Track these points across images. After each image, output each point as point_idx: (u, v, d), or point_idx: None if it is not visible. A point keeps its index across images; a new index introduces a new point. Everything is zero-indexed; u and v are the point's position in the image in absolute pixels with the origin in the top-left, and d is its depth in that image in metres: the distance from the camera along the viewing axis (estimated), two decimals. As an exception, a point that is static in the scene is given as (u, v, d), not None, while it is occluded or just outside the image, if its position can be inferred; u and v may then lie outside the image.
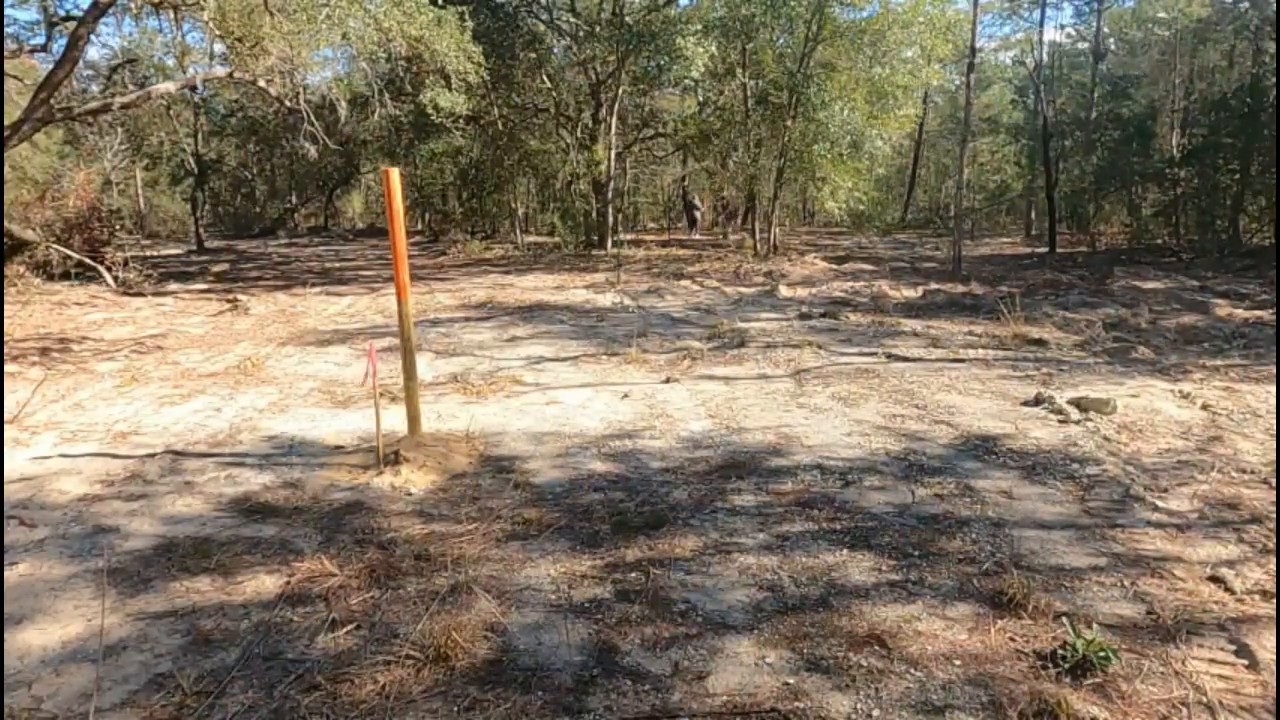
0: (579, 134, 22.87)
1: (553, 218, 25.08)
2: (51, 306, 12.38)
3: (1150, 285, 13.74)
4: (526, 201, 29.50)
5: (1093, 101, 24.21)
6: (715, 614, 3.37)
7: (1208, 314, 10.84)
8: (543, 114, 23.83)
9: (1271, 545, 3.94)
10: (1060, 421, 5.97)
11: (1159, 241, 21.76)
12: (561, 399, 6.82)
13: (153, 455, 5.44)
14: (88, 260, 14.10)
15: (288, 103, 15.03)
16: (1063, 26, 56.77)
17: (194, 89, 20.87)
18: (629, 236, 25.86)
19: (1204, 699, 2.80)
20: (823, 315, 11.08)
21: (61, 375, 7.90)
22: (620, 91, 21.74)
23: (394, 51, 14.45)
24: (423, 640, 3.14)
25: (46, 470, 5.16)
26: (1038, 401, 6.48)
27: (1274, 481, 4.74)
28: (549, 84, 23.12)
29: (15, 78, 16.24)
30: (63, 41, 13.98)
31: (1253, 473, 4.93)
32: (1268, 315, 10.56)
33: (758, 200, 22.38)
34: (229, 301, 12.97)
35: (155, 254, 19.96)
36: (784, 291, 13.65)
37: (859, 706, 2.77)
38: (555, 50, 23.87)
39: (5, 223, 13.28)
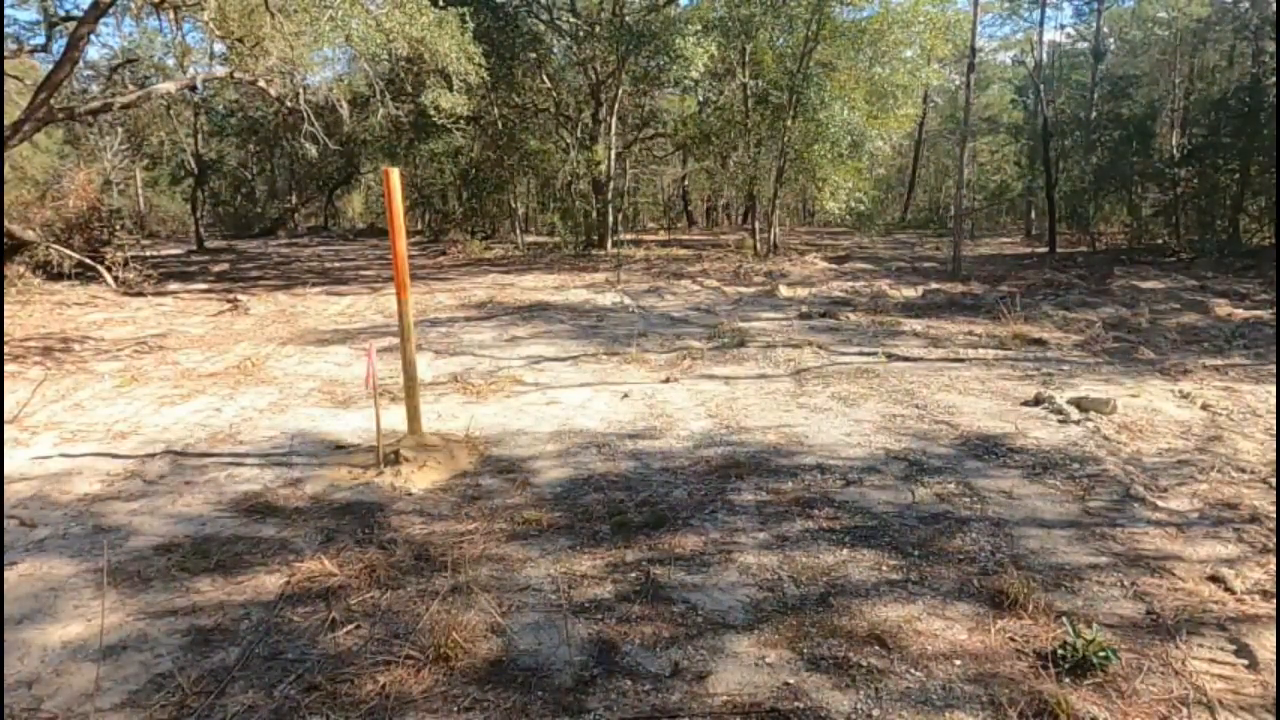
0: (579, 134, 22.87)
1: (553, 218, 25.09)
2: (52, 306, 12.38)
3: (1150, 285, 13.74)
4: (526, 201, 29.50)
5: (1093, 101, 24.21)
6: (715, 614, 3.37)
7: (1207, 314, 10.84)
8: (543, 114, 23.84)
9: (1271, 545, 3.94)
10: (1060, 421, 5.97)
11: (1159, 241, 21.76)
12: (562, 399, 6.82)
13: (153, 455, 5.44)
14: (88, 260, 14.10)
15: (288, 103, 15.04)
16: (1062, 26, 56.86)
17: (194, 89, 20.87)
18: (629, 236, 25.86)
19: (1204, 698, 2.80)
20: (823, 315, 11.08)
21: (62, 375, 7.90)
22: (620, 91, 21.74)
23: (395, 52, 14.45)
24: (423, 640, 3.14)
25: (46, 470, 5.16)
26: (1038, 401, 6.48)
27: (1274, 481, 4.74)
28: (549, 84, 23.13)
29: (15, 78, 16.24)
30: (63, 41, 14.00)
31: (1252, 473, 4.93)
32: (1267, 315, 10.56)
33: (758, 200, 22.39)
34: (229, 301, 12.97)
35: (155, 254, 19.95)
36: (784, 291, 13.65)
37: (859, 706, 2.77)
38: (555, 50, 23.88)
39: (5, 223, 13.28)
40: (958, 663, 3.01)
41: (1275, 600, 3.41)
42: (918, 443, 5.53)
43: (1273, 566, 3.71)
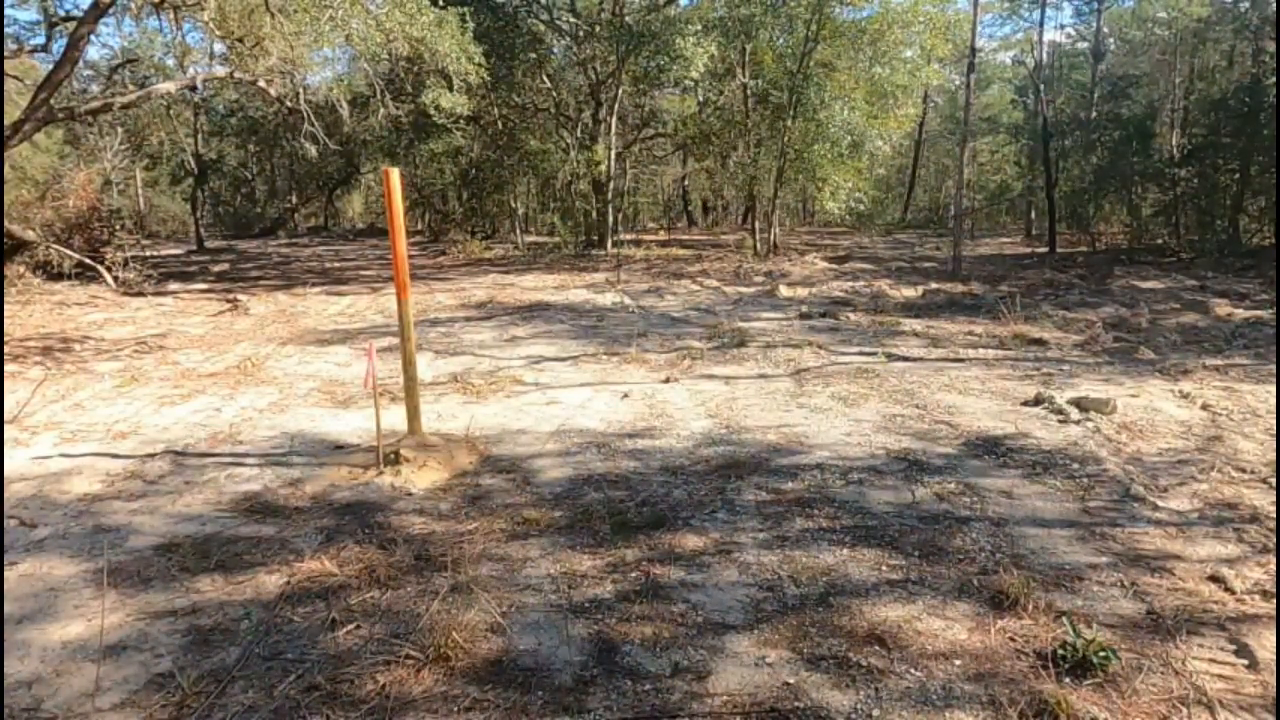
0: (579, 134, 22.89)
1: (553, 218, 25.11)
2: (52, 306, 12.38)
3: (1150, 285, 13.74)
4: (526, 201, 29.51)
5: (1092, 101, 24.22)
6: (715, 613, 3.37)
7: (1207, 314, 10.84)
8: (543, 114, 23.85)
9: (1271, 545, 3.94)
10: (1060, 421, 5.97)
11: (1159, 241, 21.76)
12: (562, 399, 6.82)
13: (153, 455, 5.44)
14: (88, 260, 14.10)
15: (288, 103, 15.05)
16: (1062, 26, 56.90)
17: (194, 89, 20.87)
18: (629, 236, 25.87)
19: (1204, 698, 2.80)
20: (823, 315, 11.08)
21: (62, 375, 7.90)
22: (620, 91, 21.75)
23: (395, 52, 14.46)
24: (423, 640, 3.14)
25: (46, 470, 5.16)
26: (1038, 401, 6.48)
27: (1274, 481, 4.74)
28: (549, 84, 23.14)
29: (15, 78, 16.23)
30: (63, 41, 13.99)
31: (1252, 473, 4.93)
32: (1267, 315, 10.56)
33: (758, 200, 22.39)
34: (229, 301, 12.98)
35: (155, 254, 19.93)
36: (784, 291, 13.65)
37: (859, 706, 2.77)
38: (555, 50, 23.90)
39: (5, 223, 13.28)
40: (958, 662, 3.01)
41: (1275, 600, 3.41)
42: (918, 442, 5.53)
43: (1273, 566, 3.71)
